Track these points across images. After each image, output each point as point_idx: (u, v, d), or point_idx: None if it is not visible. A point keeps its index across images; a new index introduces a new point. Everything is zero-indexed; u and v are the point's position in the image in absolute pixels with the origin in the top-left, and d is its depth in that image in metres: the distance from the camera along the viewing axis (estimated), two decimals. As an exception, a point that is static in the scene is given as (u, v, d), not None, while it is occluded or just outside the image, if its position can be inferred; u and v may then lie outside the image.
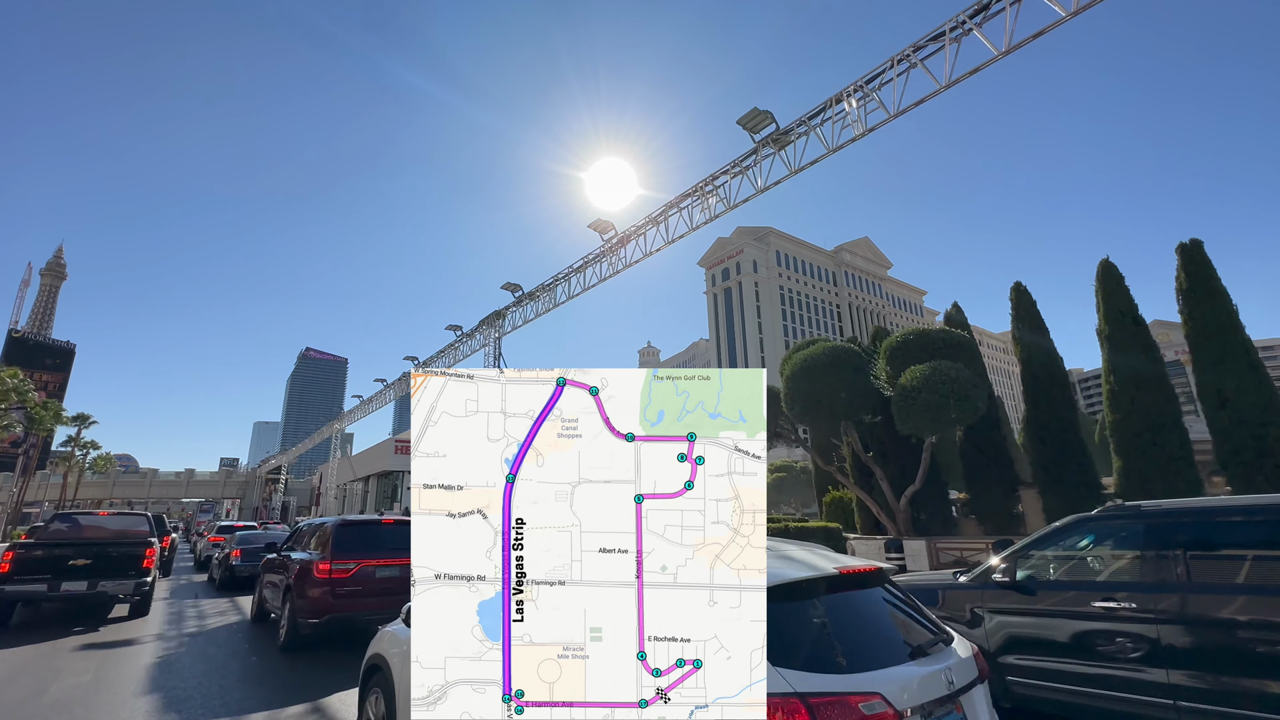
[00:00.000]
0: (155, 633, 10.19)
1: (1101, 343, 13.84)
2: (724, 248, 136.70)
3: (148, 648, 9.00)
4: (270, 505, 68.47)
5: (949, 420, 11.97)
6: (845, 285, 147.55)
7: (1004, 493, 15.16)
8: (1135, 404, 12.98)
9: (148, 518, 12.90)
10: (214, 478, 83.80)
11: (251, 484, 79.98)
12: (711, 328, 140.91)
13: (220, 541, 21.68)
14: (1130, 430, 13.04)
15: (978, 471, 15.58)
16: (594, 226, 19.43)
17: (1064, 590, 4.77)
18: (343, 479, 56.00)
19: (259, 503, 72.88)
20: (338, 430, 53.21)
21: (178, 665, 7.91)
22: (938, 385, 11.94)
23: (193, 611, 12.67)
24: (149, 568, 11.51)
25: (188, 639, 9.63)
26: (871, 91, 13.23)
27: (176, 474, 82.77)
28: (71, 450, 63.56)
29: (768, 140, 14.70)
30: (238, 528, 23.80)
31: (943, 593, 5.44)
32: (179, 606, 13.40)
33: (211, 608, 13.27)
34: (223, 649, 8.89)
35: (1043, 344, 14.92)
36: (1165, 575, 4.27)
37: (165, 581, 18.78)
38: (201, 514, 67.31)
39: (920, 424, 12.13)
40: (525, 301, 24.76)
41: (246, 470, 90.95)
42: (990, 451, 15.44)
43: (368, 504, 53.01)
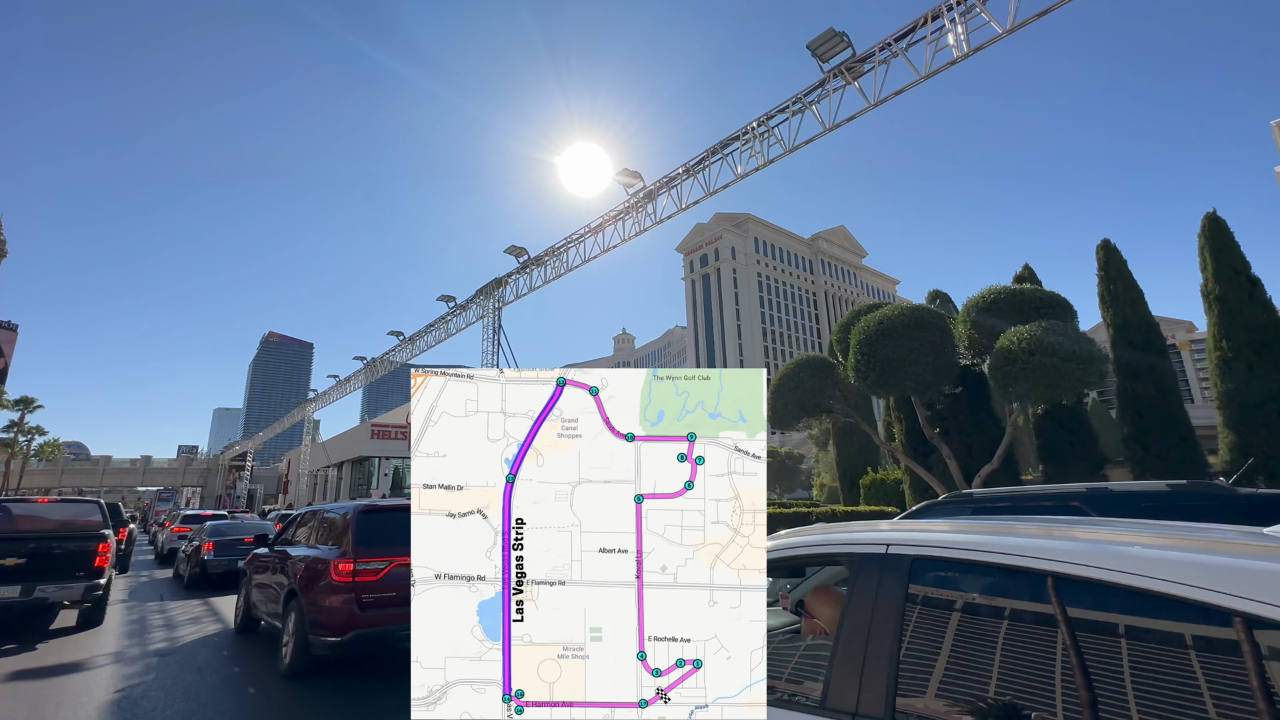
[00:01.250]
0: (112, 650, 7.94)
1: (1209, 304, 12.41)
2: (703, 233, 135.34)
3: (102, 675, 6.78)
4: (235, 493, 64.74)
5: (1067, 387, 10.39)
6: (821, 273, 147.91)
7: (1088, 472, 13.74)
8: (1254, 371, 11.57)
9: (99, 505, 10.50)
10: (173, 465, 79.15)
11: (214, 471, 75.79)
12: (689, 314, 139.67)
13: (187, 532, 19.22)
14: (1246, 401, 11.65)
15: (1058, 449, 14.12)
16: (621, 177, 17.29)
17: None
18: (316, 465, 52.87)
19: (223, 491, 68.99)
20: (310, 413, 50.06)
21: (146, 704, 5.75)
22: (1054, 347, 10.33)
23: (159, 618, 10.37)
24: (103, 566, 9.20)
25: (157, 660, 7.42)
26: (972, 8, 11.42)
27: (132, 461, 77.87)
28: (15, 436, 58.90)
29: (839, 69, 12.79)
30: (206, 516, 21.28)
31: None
32: (141, 612, 11.06)
33: (182, 613, 10.97)
34: (206, 675, 6.72)
35: (1139, 308, 13.47)
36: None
37: (123, 579, 16.24)
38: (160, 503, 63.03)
39: (1030, 392, 10.53)
40: (531, 267, 22.48)
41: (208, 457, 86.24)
42: (1073, 426, 14.00)
43: (341, 491, 50.11)
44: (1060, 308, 12.03)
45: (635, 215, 17.89)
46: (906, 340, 11.95)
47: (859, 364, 12.50)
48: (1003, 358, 10.97)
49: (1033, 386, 10.39)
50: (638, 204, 17.64)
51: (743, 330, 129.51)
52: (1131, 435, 13.09)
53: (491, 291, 24.27)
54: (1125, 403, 13.43)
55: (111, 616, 10.25)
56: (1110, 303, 13.93)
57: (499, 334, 23.99)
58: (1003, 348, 11.13)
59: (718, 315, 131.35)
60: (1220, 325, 12.13)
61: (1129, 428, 13.25)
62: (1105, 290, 14.11)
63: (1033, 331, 10.79)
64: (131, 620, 10.16)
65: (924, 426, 14.22)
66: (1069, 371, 10.20)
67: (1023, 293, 12.27)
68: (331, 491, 52.08)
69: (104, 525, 9.89)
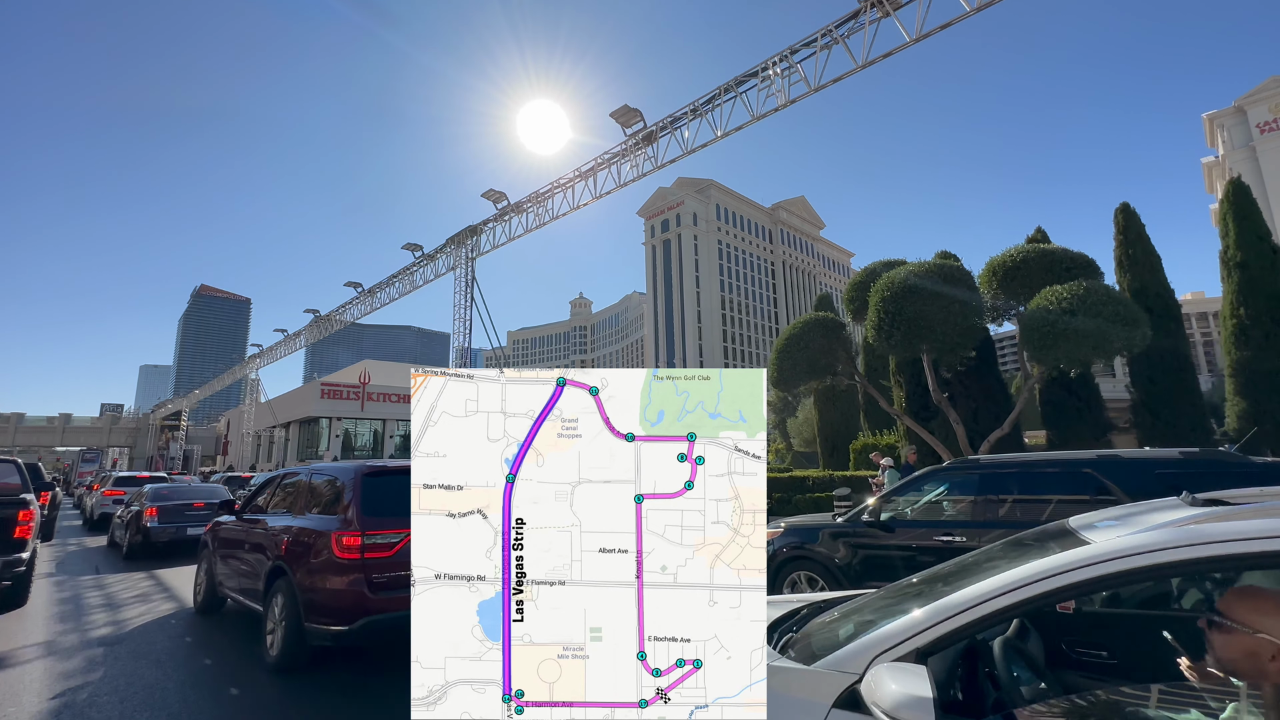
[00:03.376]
0: (42, 639, 6.53)
1: (1228, 271, 12.21)
2: (664, 198, 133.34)
3: (32, 673, 5.43)
4: (168, 454, 60.65)
5: (1111, 350, 9.92)
6: (780, 243, 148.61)
7: (1093, 438, 13.60)
8: (1270, 340, 11.45)
9: (16, 465, 8.83)
10: (96, 424, 73.34)
11: (143, 431, 70.71)
12: (649, 280, 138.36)
13: (121, 495, 17.30)
14: (1260, 368, 11.55)
15: (1064, 414, 13.91)
16: (617, 116, 15.79)
17: (916, 528, 5.88)
18: (262, 425, 49.83)
19: (154, 452, 64.54)
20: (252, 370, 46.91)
21: (96, 715, 4.49)
22: (1097, 308, 9.82)
23: (98, 596, 8.87)
24: (24, 538, 7.66)
25: (103, 651, 6.07)
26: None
27: (49, 419, 71.67)
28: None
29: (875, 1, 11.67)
30: (143, 479, 19.29)
31: (822, 532, 6.40)
32: (74, 588, 9.51)
33: (125, 588, 9.48)
34: (170, 671, 5.46)
35: (1158, 273, 13.21)
36: (990, 514, 5.44)
37: (48, 549, 14.34)
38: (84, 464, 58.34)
39: (1070, 354, 10.02)
40: (510, 215, 20.80)
41: (136, 416, 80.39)
42: (1081, 392, 13.81)
43: (290, 453, 47.47)
44: (1090, 269, 11.57)
45: (633, 158, 16.52)
46: (935, 299, 11.27)
47: (881, 322, 11.77)
48: (1039, 318, 10.41)
49: (1075, 348, 9.88)
50: (635, 146, 16.25)
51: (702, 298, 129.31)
52: (1141, 402, 12.97)
53: (464, 240, 22.45)
54: (1137, 369, 13.29)
55: (38, 594, 8.70)
56: (1128, 267, 13.61)
57: (472, 287, 22.32)
58: (1038, 308, 10.58)
59: (677, 281, 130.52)
60: (1239, 293, 11.97)
61: (1140, 394, 13.12)
62: (1123, 254, 13.76)
63: (1073, 290, 10.25)
64: (63, 599, 8.64)
65: (933, 390, 13.74)
66: (1114, 333, 9.74)
67: (1052, 252, 11.73)
68: (278, 454, 49.31)
69: (24, 489, 8.27)
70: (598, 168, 17.60)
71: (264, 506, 7.06)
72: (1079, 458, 5.37)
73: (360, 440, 47.73)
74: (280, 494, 6.94)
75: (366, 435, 47.83)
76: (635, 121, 15.86)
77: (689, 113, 14.90)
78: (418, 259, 24.73)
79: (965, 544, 5.25)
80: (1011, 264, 11.79)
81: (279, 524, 6.20)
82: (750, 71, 13.48)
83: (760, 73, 13.37)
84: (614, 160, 17.13)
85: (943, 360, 12.22)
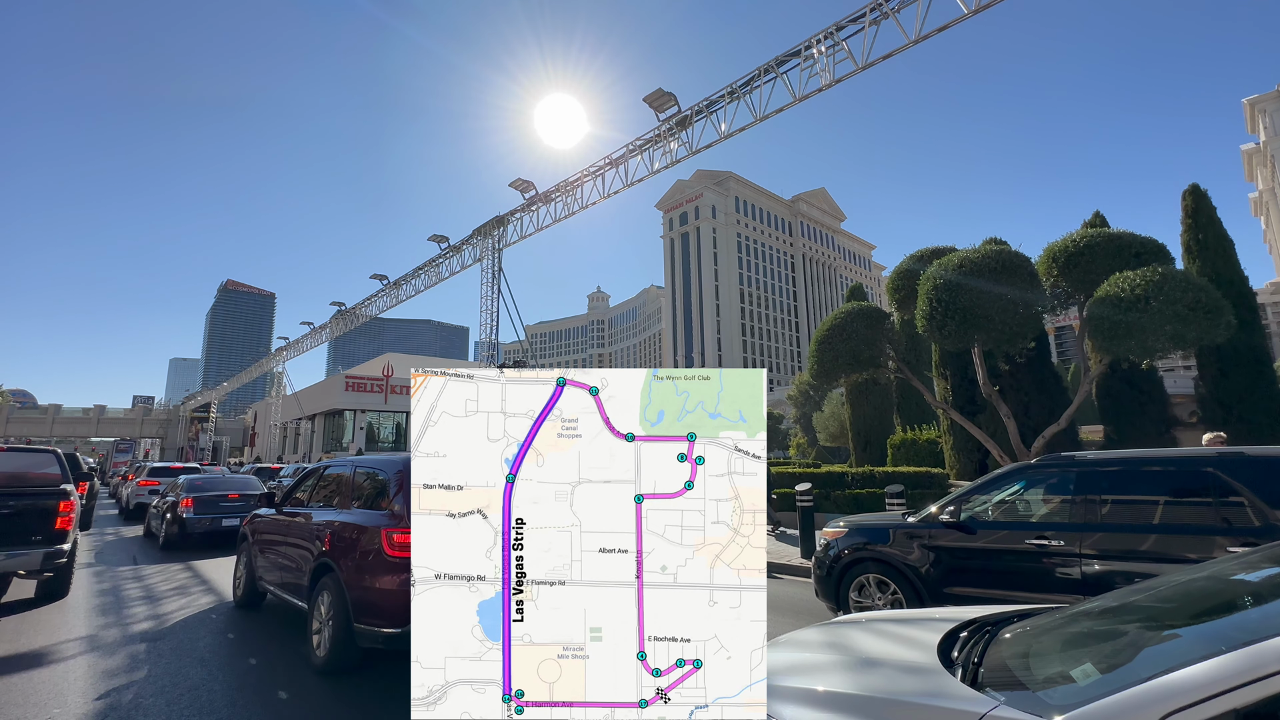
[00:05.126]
0: (84, 634, 6.36)
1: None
2: (683, 191, 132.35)
3: (75, 670, 5.23)
4: (198, 445, 61.76)
5: (1189, 339, 9.29)
6: (800, 235, 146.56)
7: (1157, 435, 12.94)
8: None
9: (56, 455, 8.72)
10: (129, 415, 74.92)
11: (173, 422, 72.12)
12: (667, 273, 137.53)
13: (156, 485, 17.39)
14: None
15: (1125, 408, 13.23)
16: (651, 100, 15.33)
17: (1001, 529, 5.48)
18: (288, 417, 50.42)
19: (184, 443, 65.78)
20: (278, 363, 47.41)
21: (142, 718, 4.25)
22: (1175, 294, 9.20)
23: (137, 588, 8.75)
24: (65, 529, 7.52)
25: (145, 647, 5.87)
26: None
27: (85, 410, 73.34)
28: (-50, 381, 54.62)
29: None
30: (176, 469, 19.41)
31: (893, 531, 6.03)
32: (113, 579, 9.41)
33: (164, 580, 9.36)
34: (215, 671, 5.22)
35: (1229, 259, 12.45)
36: (1090, 516, 5.00)
37: (87, 538, 14.40)
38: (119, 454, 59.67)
39: (1143, 345, 9.42)
40: (538, 204, 20.47)
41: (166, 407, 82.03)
42: (1145, 386, 13.12)
43: (315, 445, 47.94)
44: (1161, 254, 10.88)
45: (665, 144, 16.06)
46: (993, 287, 10.69)
47: (934, 312, 11.20)
48: (1110, 306, 9.79)
49: (1150, 339, 9.27)
50: (669, 131, 15.79)
51: (720, 290, 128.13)
52: (1214, 396, 12.25)
53: (491, 231, 22.20)
54: (1205, 361, 12.54)
55: (78, 585, 8.60)
56: (1198, 253, 12.81)
57: (499, 278, 22.07)
58: (1108, 295, 9.94)
59: (696, 274, 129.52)
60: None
61: (1209, 388, 12.40)
62: (1191, 239, 12.96)
63: (1146, 277, 9.61)
64: (103, 590, 8.52)
65: (983, 384, 13.12)
66: (1196, 321, 9.11)
67: (1120, 237, 11.05)
68: (304, 445, 49.84)
69: (64, 479, 8.14)
70: (629, 155, 17.17)
71: (304, 500, 6.83)
72: (1198, 455, 4.96)
73: (383, 433, 48.02)
74: (320, 487, 6.69)
75: (389, 428, 48.11)
76: (669, 106, 15.39)
77: (725, 95, 14.39)
78: (444, 250, 24.55)
79: (1062, 548, 4.95)
80: (1074, 249, 11.12)
81: (324, 518, 5.94)
82: (792, 50, 12.93)
83: (803, 51, 12.82)
84: (645, 147, 16.69)
85: (999, 352, 11.62)
